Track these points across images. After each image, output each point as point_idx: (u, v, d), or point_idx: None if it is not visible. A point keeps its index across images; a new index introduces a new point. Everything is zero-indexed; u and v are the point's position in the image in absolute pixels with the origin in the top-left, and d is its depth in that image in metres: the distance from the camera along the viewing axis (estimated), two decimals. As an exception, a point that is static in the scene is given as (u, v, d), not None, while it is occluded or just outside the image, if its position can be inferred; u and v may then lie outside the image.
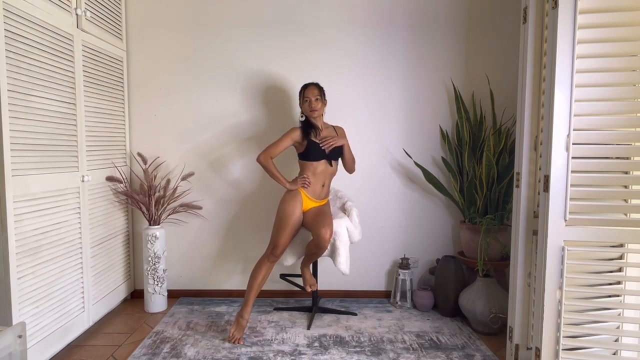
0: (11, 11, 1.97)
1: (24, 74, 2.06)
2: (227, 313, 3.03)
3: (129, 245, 3.26)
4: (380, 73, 3.25)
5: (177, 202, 3.18)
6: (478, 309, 2.72)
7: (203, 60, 3.23)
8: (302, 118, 2.76)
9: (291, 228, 2.62)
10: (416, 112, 3.28)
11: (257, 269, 2.64)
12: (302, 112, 2.77)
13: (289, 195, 2.68)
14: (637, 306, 1.94)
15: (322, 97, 2.74)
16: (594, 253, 1.98)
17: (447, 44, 3.24)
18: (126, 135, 3.20)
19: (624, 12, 1.85)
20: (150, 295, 3.04)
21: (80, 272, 2.56)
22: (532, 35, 2.12)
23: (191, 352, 2.45)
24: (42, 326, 2.21)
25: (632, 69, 1.88)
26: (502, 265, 2.94)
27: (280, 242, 2.60)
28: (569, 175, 1.87)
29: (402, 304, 3.18)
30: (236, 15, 3.21)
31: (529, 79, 2.14)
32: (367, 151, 3.27)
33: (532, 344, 2.14)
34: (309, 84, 2.75)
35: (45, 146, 2.24)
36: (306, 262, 2.80)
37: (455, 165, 3.19)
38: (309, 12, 3.21)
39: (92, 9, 2.68)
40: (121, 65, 3.12)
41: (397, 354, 2.46)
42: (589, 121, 1.89)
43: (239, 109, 3.26)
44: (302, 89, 2.75)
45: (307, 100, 2.69)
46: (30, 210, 2.11)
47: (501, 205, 3.01)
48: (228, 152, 3.28)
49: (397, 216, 3.34)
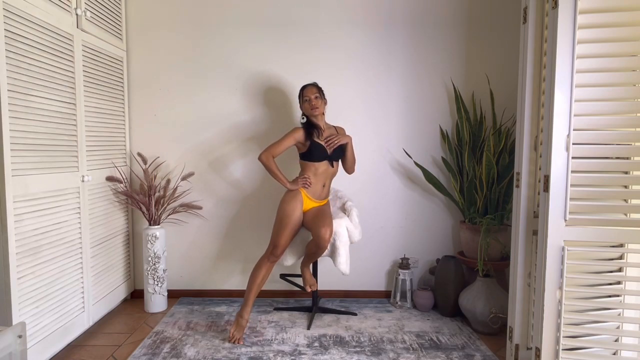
0: (11, 11, 1.97)
1: (24, 74, 2.06)
2: (227, 313, 3.03)
3: (129, 245, 3.26)
4: (380, 73, 3.25)
5: (177, 202, 3.18)
6: (478, 309, 2.72)
7: (203, 60, 3.23)
8: (304, 120, 2.76)
9: (291, 228, 2.62)
10: (416, 112, 3.28)
11: (257, 269, 2.64)
12: (303, 114, 2.77)
13: (290, 195, 2.68)
14: (637, 306, 1.94)
15: (322, 96, 2.74)
16: (594, 253, 1.99)
17: (447, 44, 3.24)
18: (126, 135, 3.20)
19: (624, 12, 1.85)
20: (150, 295, 3.04)
21: (80, 272, 2.56)
22: (532, 35, 2.12)
23: (191, 352, 2.45)
24: (42, 326, 2.21)
25: (632, 69, 1.88)
26: (502, 265, 2.94)
27: (281, 242, 2.60)
28: (569, 175, 1.87)
29: (402, 304, 3.18)
30: (236, 15, 3.21)
31: (529, 79, 2.14)
32: (367, 151, 3.27)
33: (532, 344, 2.14)
34: (307, 84, 2.76)
35: (45, 146, 2.24)
36: (306, 262, 2.80)
37: (455, 165, 3.19)
38: (309, 12, 3.21)
39: (92, 9, 2.68)
40: (121, 65, 3.12)
41: (397, 354, 2.46)
42: (589, 121, 1.89)
43: (239, 108, 3.26)
44: (300, 90, 2.76)
45: (307, 99, 2.69)
46: (30, 210, 2.11)
47: (501, 205, 3.01)
48: (228, 152, 3.28)
49: (397, 216, 3.34)
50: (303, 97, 2.73)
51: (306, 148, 2.69)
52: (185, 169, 3.25)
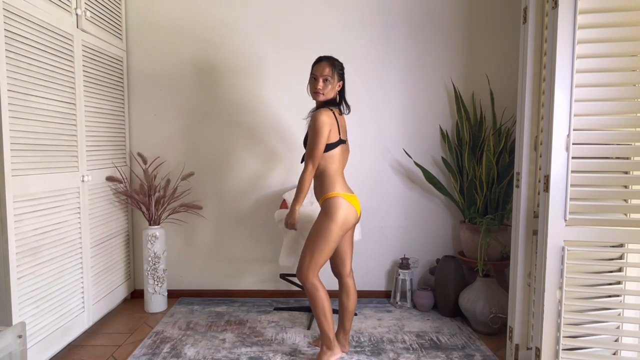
0: (11, 11, 1.97)
1: (24, 74, 2.06)
2: (227, 313, 3.03)
3: (129, 245, 3.26)
4: (380, 73, 3.25)
5: (177, 202, 3.18)
6: (478, 309, 2.72)
7: (203, 60, 3.23)
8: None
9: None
10: (416, 112, 3.28)
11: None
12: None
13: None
14: (637, 306, 1.95)
15: (333, 79, 2.24)
16: (594, 253, 1.99)
17: (447, 44, 3.24)
18: (126, 135, 3.20)
19: (624, 12, 1.85)
20: (150, 295, 3.04)
21: (80, 272, 2.56)
22: (532, 35, 2.12)
23: (191, 352, 2.45)
24: (42, 326, 2.21)
25: (632, 69, 1.88)
26: (502, 265, 2.94)
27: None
28: (569, 175, 1.87)
29: (402, 304, 3.18)
30: (236, 15, 3.20)
31: (529, 79, 2.14)
32: (367, 151, 3.27)
33: (532, 344, 2.14)
34: (321, 58, 2.29)
35: (45, 146, 2.24)
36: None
37: (455, 165, 3.19)
38: (309, 12, 3.21)
39: (92, 9, 2.68)
40: (121, 65, 3.12)
41: (397, 354, 2.46)
42: (589, 121, 1.89)
43: (239, 108, 3.26)
44: (313, 64, 2.31)
45: (314, 77, 2.26)
46: (30, 210, 2.11)
47: (501, 205, 3.01)
48: (228, 152, 3.28)
49: (397, 216, 3.34)
50: (311, 72, 2.29)
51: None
52: (185, 169, 3.25)
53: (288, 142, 3.25)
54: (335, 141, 2.25)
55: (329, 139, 2.22)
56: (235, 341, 2.60)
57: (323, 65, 2.24)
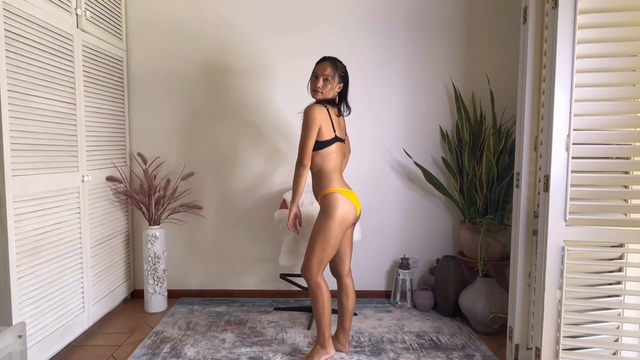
0: (11, 11, 1.97)
1: (24, 74, 2.06)
2: (227, 313, 3.03)
3: (129, 245, 3.26)
4: (380, 73, 3.25)
5: (177, 202, 3.18)
6: (478, 309, 2.72)
7: (203, 60, 3.23)
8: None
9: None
10: (416, 112, 3.28)
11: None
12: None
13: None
14: (637, 306, 1.94)
15: (334, 79, 2.26)
16: (594, 253, 1.99)
17: (447, 44, 3.24)
18: (126, 135, 3.20)
19: (624, 12, 1.85)
20: (150, 295, 3.04)
21: (80, 272, 2.56)
22: (532, 35, 2.12)
23: (191, 352, 2.45)
24: (42, 326, 2.21)
25: (632, 69, 1.88)
26: (502, 265, 2.94)
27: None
28: (569, 175, 1.87)
29: (402, 304, 3.18)
30: (236, 16, 3.21)
31: (529, 79, 2.14)
32: (367, 151, 3.27)
33: (532, 344, 2.14)
34: (324, 58, 2.31)
35: (45, 146, 2.24)
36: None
37: (455, 165, 3.19)
38: (309, 12, 3.21)
39: (92, 9, 2.68)
40: (121, 65, 3.12)
41: (397, 354, 2.46)
42: (589, 121, 1.89)
43: (240, 108, 3.26)
44: (316, 63, 2.33)
45: (315, 75, 2.28)
46: (30, 210, 2.11)
47: (501, 205, 3.01)
48: (228, 152, 3.28)
49: (397, 216, 3.34)
50: (313, 70, 2.31)
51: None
52: (185, 169, 3.25)
53: (290, 142, 3.24)
54: (330, 138, 2.25)
55: (322, 136, 2.22)
56: (235, 341, 2.60)
57: (325, 64, 2.26)
